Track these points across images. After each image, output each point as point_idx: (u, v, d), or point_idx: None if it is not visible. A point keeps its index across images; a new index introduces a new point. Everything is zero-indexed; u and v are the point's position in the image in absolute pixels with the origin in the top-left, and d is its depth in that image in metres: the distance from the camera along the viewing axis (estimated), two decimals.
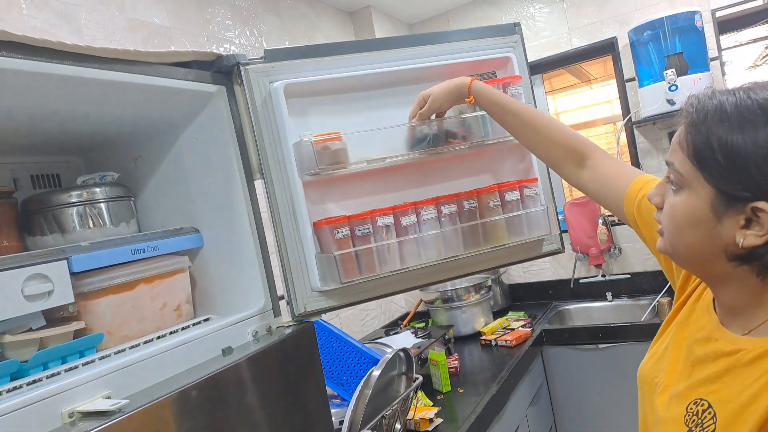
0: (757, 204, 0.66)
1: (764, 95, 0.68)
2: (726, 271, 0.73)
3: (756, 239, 0.67)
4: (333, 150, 1.20)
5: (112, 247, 0.97)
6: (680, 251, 0.77)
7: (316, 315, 1.22)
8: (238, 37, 2.11)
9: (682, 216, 0.74)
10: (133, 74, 0.95)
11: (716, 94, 0.72)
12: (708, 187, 0.70)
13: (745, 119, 0.67)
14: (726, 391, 0.71)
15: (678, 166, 0.73)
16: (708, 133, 0.69)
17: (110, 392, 0.83)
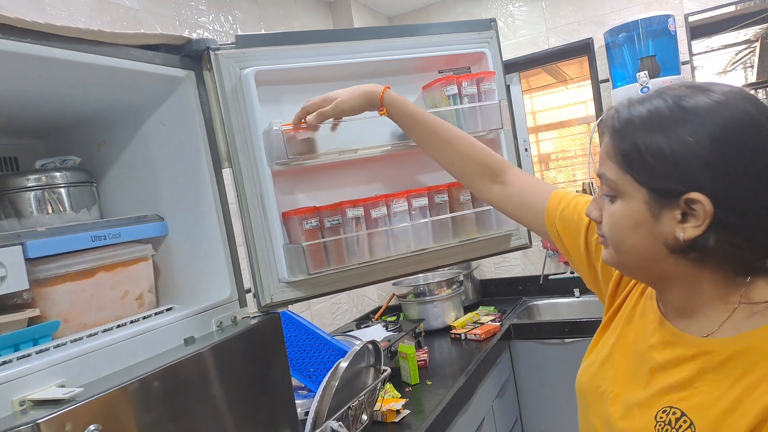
0: (689, 195, 0.67)
1: (677, 93, 0.71)
2: (672, 270, 0.74)
3: (694, 230, 0.68)
4: (302, 140, 1.18)
5: (70, 233, 0.95)
6: (626, 258, 0.77)
7: (282, 306, 1.20)
8: (212, 23, 2.07)
9: (622, 222, 0.75)
10: (97, 55, 0.92)
11: (634, 102, 0.75)
12: (641, 189, 0.71)
13: (664, 120, 0.70)
14: (700, 398, 0.71)
15: (610, 174, 0.75)
16: (632, 137, 0.72)
17: (64, 381, 0.81)
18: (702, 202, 0.66)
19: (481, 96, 1.40)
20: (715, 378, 0.70)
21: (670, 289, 0.77)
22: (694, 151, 0.67)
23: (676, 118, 0.69)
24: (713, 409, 0.69)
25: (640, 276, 0.82)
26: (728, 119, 0.67)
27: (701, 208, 0.67)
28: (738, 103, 0.68)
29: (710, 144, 0.66)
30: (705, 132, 0.67)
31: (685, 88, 0.72)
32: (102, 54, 0.93)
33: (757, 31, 4.68)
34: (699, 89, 0.71)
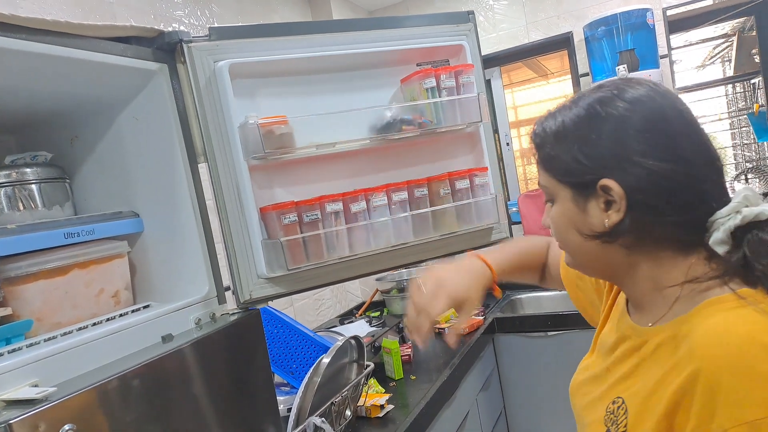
0: (601, 183, 0.71)
1: (582, 95, 0.77)
2: (615, 262, 0.76)
3: (617, 215, 0.71)
4: (279, 134, 1.17)
5: (42, 231, 0.93)
6: (575, 256, 0.81)
7: (261, 302, 1.19)
8: (188, 16, 2.05)
9: (560, 223, 0.79)
10: (66, 47, 0.90)
11: (551, 114, 0.80)
12: (565, 188, 0.76)
13: (568, 122, 0.76)
14: (637, 386, 0.73)
15: (542, 181, 0.81)
16: (548, 143, 0.78)
17: (38, 380, 0.80)
18: (612, 187, 0.70)
19: (460, 89, 1.40)
20: (648, 365, 0.72)
21: (623, 282, 0.80)
22: (597, 145, 0.72)
23: (578, 118, 0.75)
24: (641, 394, 0.70)
25: (595, 273, 0.84)
26: (620, 111, 0.72)
27: (614, 193, 0.70)
28: (630, 92, 0.73)
29: (610, 136, 0.71)
30: (602, 127, 0.72)
31: (590, 88, 0.78)
32: (71, 46, 0.91)
33: (734, 25, 4.74)
34: (597, 86, 0.77)
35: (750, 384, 0.58)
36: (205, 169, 1.15)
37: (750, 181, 5.09)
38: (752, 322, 0.63)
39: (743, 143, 5.35)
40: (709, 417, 0.60)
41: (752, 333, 0.61)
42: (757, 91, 4.84)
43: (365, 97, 1.36)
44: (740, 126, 5.31)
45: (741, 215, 0.67)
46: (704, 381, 0.61)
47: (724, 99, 5.50)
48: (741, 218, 0.67)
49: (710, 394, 0.60)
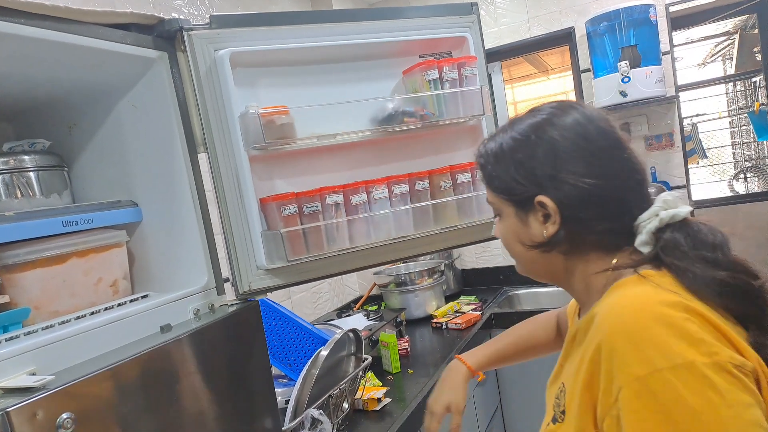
0: (537, 199, 0.80)
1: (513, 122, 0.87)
2: (557, 267, 0.86)
3: (553, 227, 0.80)
4: (280, 124, 1.16)
5: (40, 218, 0.92)
6: (522, 264, 0.91)
7: (261, 293, 1.18)
8: (188, 6, 2.03)
9: (506, 236, 0.89)
10: (65, 33, 0.89)
11: (492, 137, 0.89)
12: (508, 204, 0.86)
13: (504, 146, 0.85)
14: (570, 369, 0.81)
15: (489, 199, 0.90)
16: (489, 165, 0.87)
17: (35, 368, 0.79)
18: (547, 202, 0.79)
19: (463, 81, 1.39)
20: (575, 349, 0.81)
21: (565, 284, 0.89)
22: (531, 165, 0.81)
23: (514, 141, 0.84)
24: (572, 374, 0.78)
25: (540, 277, 0.91)
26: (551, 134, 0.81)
27: (549, 208, 0.80)
28: (559, 115, 0.82)
29: (542, 156, 0.80)
30: (536, 148, 0.81)
31: (525, 113, 0.87)
32: (70, 32, 0.90)
33: (737, 22, 4.74)
34: (530, 112, 0.86)
35: (637, 345, 0.65)
36: (204, 159, 1.14)
37: (749, 179, 5.10)
38: (644, 295, 0.71)
39: (743, 142, 5.35)
40: (611, 379, 0.67)
41: (643, 304, 0.69)
42: (757, 89, 4.84)
43: (367, 89, 1.35)
44: (740, 125, 5.31)
45: (659, 217, 0.77)
46: (605, 348, 0.69)
47: (724, 97, 5.49)
48: (659, 220, 0.77)
49: (609, 359, 0.68)
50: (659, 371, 0.63)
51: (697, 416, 0.61)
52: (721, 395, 0.61)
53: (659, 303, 0.68)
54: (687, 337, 0.64)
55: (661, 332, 0.65)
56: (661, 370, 0.63)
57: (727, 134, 5.45)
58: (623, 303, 0.72)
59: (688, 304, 0.68)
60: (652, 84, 2.73)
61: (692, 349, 0.63)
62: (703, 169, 5.32)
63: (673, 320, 0.66)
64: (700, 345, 0.64)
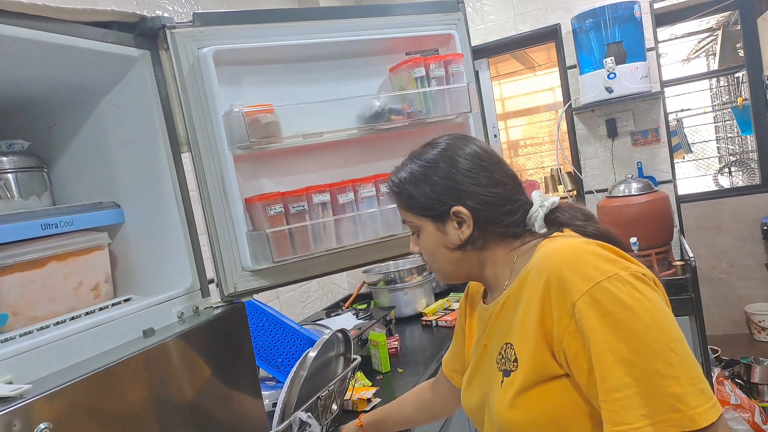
0: (454, 209, 0.97)
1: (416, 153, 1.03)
2: (475, 262, 1.02)
3: (468, 230, 0.98)
4: (265, 123, 1.14)
5: (17, 221, 0.89)
6: (446, 271, 1.05)
7: (246, 295, 1.17)
8: (172, 3, 2.00)
9: (428, 246, 1.03)
10: (43, 32, 0.87)
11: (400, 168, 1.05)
12: (426, 220, 1.01)
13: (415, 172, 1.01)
14: (510, 326, 0.94)
15: (406, 218, 1.05)
16: (403, 191, 1.02)
17: (12, 377, 0.77)
18: (462, 210, 0.97)
19: (449, 78, 1.38)
20: (514, 309, 0.94)
21: (482, 276, 1.05)
22: (441, 184, 0.98)
23: (422, 168, 1.00)
24: (518, 326, 0.92)
25: (461, 277, 1.07)
26: (450, 157, 0.99)
27: (463, 214, 0.97)
28: (453, 143, 1.01)
29: (449, 176, 0.98)
30: (441, 171, 0.98)
31: (423, 145, 1.04)
32: (48, 30, 0.88)
33: (719, 19, 4.77)
34: (430, 144, 1.03)
35: (578, 269, 0.83)
36: (188, 159, 1.12)
37: (734, 174, 5.14)
38: (568, 240, 0.92)
39: (727, 136, 5.40)
40: (564, 300, 0.82)
41: (571, 244, 0.89)
42: (741, 84, 4.88)
43: (353, 86, 1.34)
44: (724, 119, 5.36)
45: (545, 207, 1.00)
46: (554, 279, 0.84)
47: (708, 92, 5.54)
48: (546, 208, 1.00)
49: (559, 285, 0.83)
50: (598, 283, 0.81)
51: (632, 310, 0.79)
52: (642, 294, 0.81)
53: (581, 242, 0.89)
54: (607, 258, 0.84)
55: (590, 258, 0.84)
56: (600, 281, 0.81)
57: (711, 129, 5.50)
58: (556, 247, 0.90)
59: (598, 241, 0.90)
60: (638, 80, 2.74)
61: (613, 265, 0.83)
62: (688, 164, 5.37)
63: (594, 249, 0.86)
64: (616, 262, 0.84)
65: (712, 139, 5.52)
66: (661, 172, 2.98)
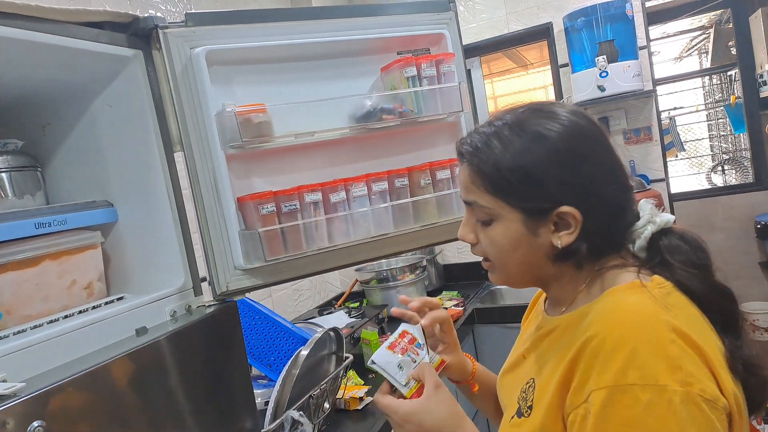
0: (561, 210, 0.77)
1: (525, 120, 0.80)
2: (553, 272, 0.84)
3: (569, 237, 0.78)
4: (257, 122, 1.15)
5: (11, 220, 0.90)
6: (513, 273, 0.86)
7: (239, 294, 1.17)
8: (165, 3, 2.01)
9: (505, 244, 0.82)
10: (37, 32, 0.87)
11: (483, 129, 0.83)
12: (515, 211, 0.80)
13: (519, 147, 0.78)
14: (546, 365, 0.81)
15: (482, 202, 0.82)
16: (495, 166, 0.79)
17: (5, 375, 0.77)
18: (572, 213, 0.76)
19: (441, 78, 1.38)
20: (556, 346, 0.81)
21: (551, 286, 0.88)
22: (557, 175, 0.77)
23: (529, 144, 0.78)
24: (547, 369, 0.79)
25: (527, 284, 0.89)
26: (577, 143, 0.78)
27: (571, 218, 0.77)
28: (580, 124, 0.79)
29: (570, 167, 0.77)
30: (563, 158, 0.77)
31: (531, 112, 0.81)
32: (41, 31, 0.88)
33: (711, 17, 4.79)
34: (543, 114, 0.80)
35: (618, 355, 0.67)
36: (181, 158, 1.13)
37: (726, 172, 5.18)
38: (638, 306, 0.72)
39: (720, 134, 5.43)
40: (586, 380, 0.69)
41: (636, 316, 0.70)
42: (733, 83, 4.91)
43: (345, 86, 1.35)
44: (717, 117, 5.39)
45: (656, 225, 0.80)
46: (589, 350, 0.70)
47: (701, 91, 5.57)
48: (657, 227, 0.80)
49: (589, 361, 0.69)
50: (630, 386, 0.65)
51: None
52: (680, 427, 0.63)
53: (651, 318, 0.69)
54: (667, 360, 0.65)
55: (644, 349, 0.66)
56: (633, 385, 0.65)
57: (704, 127, 5.53)
58: (616, 310, 0.72)
59: (677, 325, 0.69)
60: (630, 78, 2.75)
61: (668, 374, 0.64)
62: (681, 162, 5.39)
63: (659, 339, 0.67)
64: (677, 371, 0.65)
65: (705, 137, 5.55)
66: (654, 170, 3.00)
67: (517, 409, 0.83)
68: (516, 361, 0.93)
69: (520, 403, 0.83)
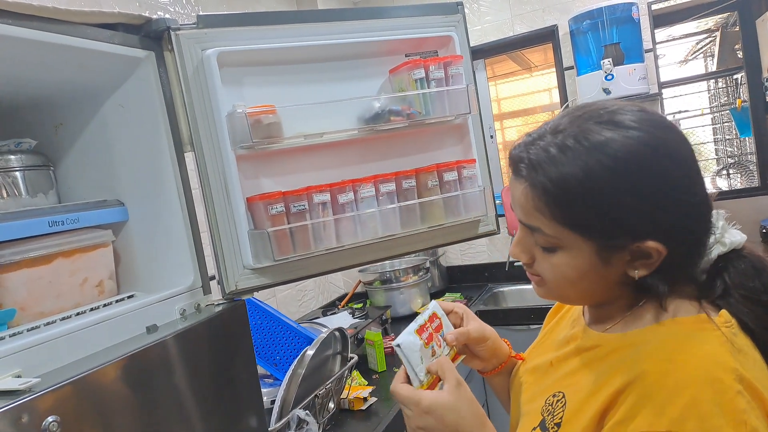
0: (640, 245, 0.68)
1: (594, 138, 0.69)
2: (616, 296, 0.77)
3: (647, 269, 0.70)
4: (267, 123, 1.16)
5: (26, 218, 0.91)
6: (570, 298, 0.81)
7: (247, 293, 1.18)
8: (173, 5, 2.02)
9: (569, 273, 0.74)
10: (52, 33, 0.89)
11: (542, 141, 0.72)
12: (587, 242, 0.70)
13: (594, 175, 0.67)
14: (581, 383, 0.75)
15: (549, 231, 0.72)
16: (563, 190, 0.69)
17: (20, 371, 0.78)
18: (656, 248, 0.68)
19: (449, 80, 1.39)
20: (598, 366, 0.74)
21: (601, 305, 0.80)
22: (632, 204, 0.67)
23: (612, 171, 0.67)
24: (585, 390, 0.73)
25: (573, 303, 0.86)
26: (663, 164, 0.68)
27: (653, 251, 0.68)
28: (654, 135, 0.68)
29: (653, 195, 0.67)
30: (645, 182, 0.67)
31: (596, 121, 0.70)
32: (57, 32, 0.89)
33: (718, 20, 4.79)
34: (613, 125, 0.69)
35: (676, 400, 0.61)
36: (191, 158, 1.14)
37: (732, 176, 5.17)
38: (704, 349, 0.65)
39: (725, 138, 5.43)
40: (633, 417, 0.63)
41: (701, 359, 0.64)
42: (739, 86, 4.90)
43: (354, 88, 1.36)
44: (722, 121, 5.38)
45: (725, 246, 0.72)
46: (647, 383, 0.64)
47: (706, 94, 5.56)
48: (726, 248, 0.72)
49: (643, 397, 0.63)
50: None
51: None
52: None
53: (719, 365, 0.63)
54: (730, 414, 0.60)
55: (706, 398, 0.61)
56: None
57: (709, 131, 5.52)
58: (680, 350, 0.66)
59: (745, 375, 0.62)
60: (636, 81, 2.76)
61: (731, 430, 0.59)
62: None
63: (724, 390, 0.61)
64: (740, 427, 0.59)
65: (710, 141, 5.54)
66: None
67: (541, 422, 0.78)
68: (542, 366, 0.87)
69: (545, 415, 0.78)
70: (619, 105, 0.72)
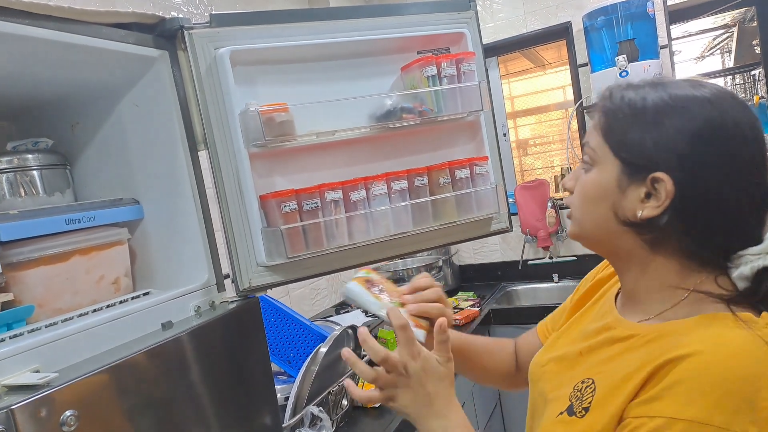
0: (655, 174, 0.72)
1: (670, 84, 0.76)
2: (628, 248, 0.78)
3: (653, 210, 0.73)
4: (279, 122, 1.17)
5: (43, 217, 0.93)
6: (587, 227, 0.82)
7: (261, 290, 1.19)
8: (186, 4, 2.04)
9: (591, 191, 0.79)
10: (68, 33, 0.90)
11: (628, 86, 0.79)
12: (615, 160, 0.76)
13: (652, 105, 0.74)
14: (613, 370, 0.75)
15: (592, 143, 0.80)
16: (620, 115, 0.76)
17: (39, 366, 0.80)
18: (665, 181, 0.71)
19: (461, 77, 1.39)
20: (632, 355, 0.74)
21: (627, 271, 0.82)
22: (672, 139, 0.71)
23: (665, 105, 0.73)
24: (616, 377, 0.73)
25: (599, 249, 0.85)
26: (712, 118, 0.71)
27: (663, 188, 0.71)
28: (724, 104, 0.72)
29: (689, 137, 0.71)
30: (687, 125, 0.71)
31: (679, 80, 0.76)
32: (73, 32, 0.91)
33: (735, 15, 4.73)
34: (691, 84, 0.75)
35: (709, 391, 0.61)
36: (205, 157, 1.15)
37: None
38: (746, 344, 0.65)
39: None
40: (659, 398, 0.64)
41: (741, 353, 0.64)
42: (757, 82, 4.84)
43: (365, 85, 1.36)
44: None
45: None
46: (678, 369, 0.64)
47: None
48: None
49: (676, 383, 0.64)
50: (709, 426, 0.60)
51: None
52: None
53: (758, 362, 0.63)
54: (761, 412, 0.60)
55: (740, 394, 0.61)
56: (714, 427, 0.60)
57: None
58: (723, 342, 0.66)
59: None
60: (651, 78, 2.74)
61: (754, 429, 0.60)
62: None
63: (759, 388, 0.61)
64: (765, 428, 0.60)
65: None
66: None
67: (569, 406, 0.78)
68: (569, 355, 0.87)
69: (573, 401, 0.78)
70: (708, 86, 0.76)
